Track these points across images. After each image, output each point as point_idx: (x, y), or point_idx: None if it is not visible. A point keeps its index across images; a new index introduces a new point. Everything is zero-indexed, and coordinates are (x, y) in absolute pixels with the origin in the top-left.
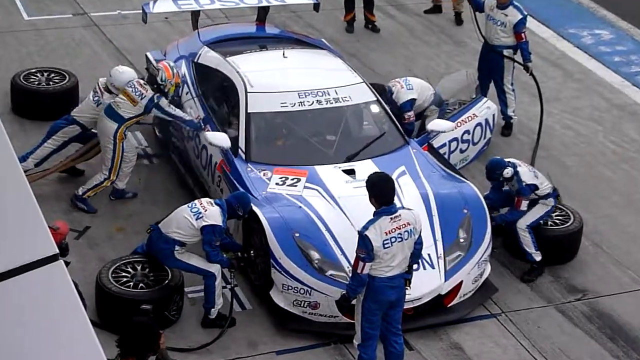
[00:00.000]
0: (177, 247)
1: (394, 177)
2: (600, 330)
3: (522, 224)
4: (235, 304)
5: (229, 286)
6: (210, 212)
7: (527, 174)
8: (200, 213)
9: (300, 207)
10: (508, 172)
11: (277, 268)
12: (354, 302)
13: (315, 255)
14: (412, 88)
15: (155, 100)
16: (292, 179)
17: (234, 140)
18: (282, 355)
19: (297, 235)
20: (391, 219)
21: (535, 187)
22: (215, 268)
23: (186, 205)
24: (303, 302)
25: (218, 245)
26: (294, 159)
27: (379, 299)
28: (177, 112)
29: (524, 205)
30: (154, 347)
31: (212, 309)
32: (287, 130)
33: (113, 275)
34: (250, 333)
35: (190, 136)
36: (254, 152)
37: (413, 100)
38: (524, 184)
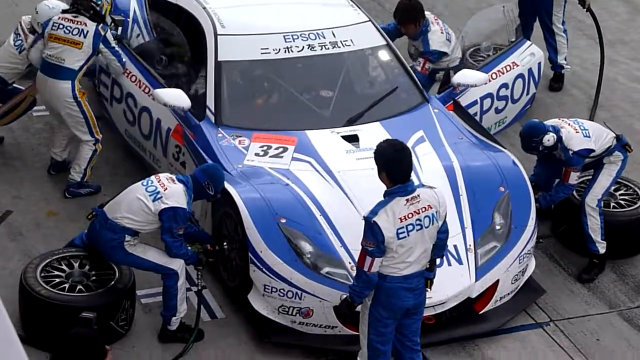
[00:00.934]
0: (127, 237)
1: (409, 145)
2: None
3: (592, 199)
4: (204, 311)
5: (194, 289)
6: (171, 191)
7: (575, 138)
8: (158, 193)
9: (287, 184)
10: (549, 139)
11: (258, 264)
12: (358, 308)
13: (306, 247)
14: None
15: (102, 33)
16: (277, 148)
17: (200, 98)
18: None
19: (283, 221)
20: (407, 200)
21: (589, 152)
22: (177, 264)
23: (140, 183)
24: (291, 308)
25: (181, 235)
26: (279, 122)
27: (391, 305)
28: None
29: (573, 178)
30: None
31: (173, 318)
32: (270, 84)
33: (42, 274)
34: (222, 349)
35: (117, 96)
36: (227, 114)
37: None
38: (570, 152)
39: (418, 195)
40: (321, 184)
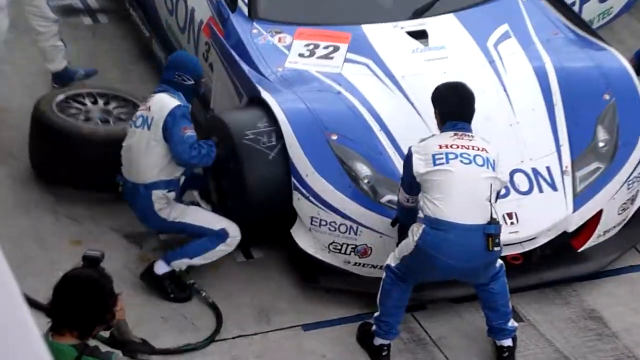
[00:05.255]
0: (158, 196)
1: (490, 42)
2: None
3: None
4: (237, 251)
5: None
6: (154, 105)
7: None
8: (145, 118)
9: (339, 92)
10: None
11: (303, 191)
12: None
13: (363, 169)
14: None
15: None
16: (326, 48)
17: None
18: (313, 331)
19: (334, 138)
20: (455, 134)
21: None
22: (227, 224)
23: (129, 129)
24: (344, 246)
25: (194, 136)
26: (329, 14)
27: (428, 259)
28: None
29: None
30: (106, 316)
31: (176, 261)
32: None
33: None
34: (259, 295)
35: None
36: (264, 4)
37: None
38: None
39: (472, 136)
40: (381, 92)
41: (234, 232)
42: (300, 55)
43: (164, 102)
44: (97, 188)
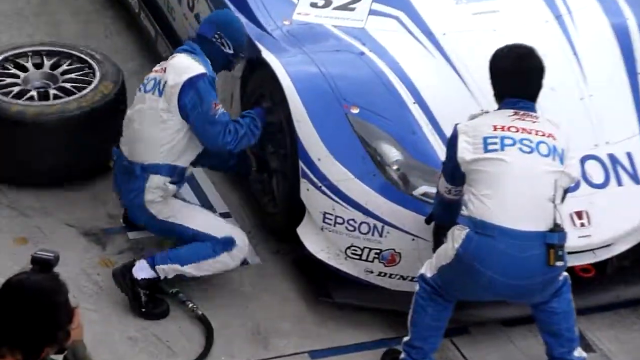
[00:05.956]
0: (153, 184)
1: None
2: None
3: None
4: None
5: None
6: (173, 67)
7: None
8: (159, 82)
9: (362, 53)
10: None
11: (313, 180)
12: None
13: (392, 153)
14: None
15: None
16: None
17: None
18: None
19: (354, 111)
20: (515, 113)
21: None
22: (232, 230)
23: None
24: (366, 250)
25: (225, 114)
26: None
27: (471, 272)
28: None
29: None
30: (57, 334)
31: (163, 266)
32: None
33: None
34: (256, 314)
35: None
36: None
37: None
38: None
39: (535, 116)
40: (416, 54)
41: (242, 242)
42: (313, 4)
43: (185, 65)
44: (36, 182)
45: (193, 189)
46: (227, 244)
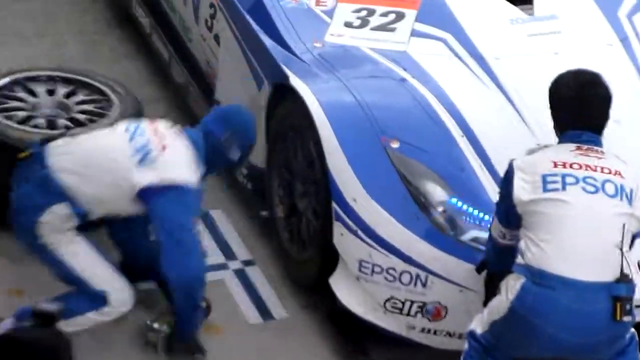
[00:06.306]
0: (57, 210)
1: (622, 12)
2: None
3: None
4: (250, 307)
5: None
6: (171, 153)
7: None
8: (148, 150)
9: (404, 80)
10: None
11: (348, 223)
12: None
13: (437, 192)
14: None
15: None
16: (385, 15)
17: None
18: None
19: (394, 146)
20: (578, 148)
21: None
22: (114, 284)
23: (122, 127)
24: (408, 303)
25: (198, 233)
26: None
27: (528, 327)
28: None
29: None
30: None
31: None
32: None
33: None
34: None
35: None
36: None
37: None
38: None
39: (601, 152)
40: (465, 80)
41: (118, 302)
42: (348, 24)
43: (182, 163)
44: None
45: (211, 233)
46: (97, 300)
